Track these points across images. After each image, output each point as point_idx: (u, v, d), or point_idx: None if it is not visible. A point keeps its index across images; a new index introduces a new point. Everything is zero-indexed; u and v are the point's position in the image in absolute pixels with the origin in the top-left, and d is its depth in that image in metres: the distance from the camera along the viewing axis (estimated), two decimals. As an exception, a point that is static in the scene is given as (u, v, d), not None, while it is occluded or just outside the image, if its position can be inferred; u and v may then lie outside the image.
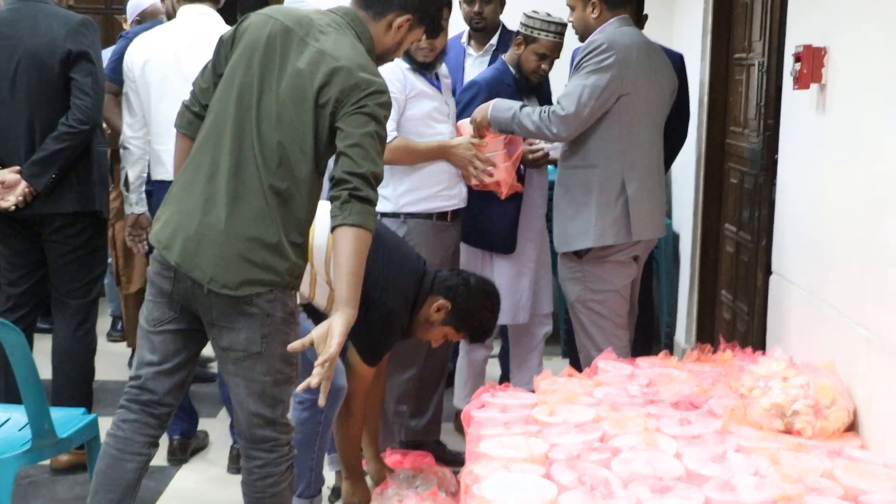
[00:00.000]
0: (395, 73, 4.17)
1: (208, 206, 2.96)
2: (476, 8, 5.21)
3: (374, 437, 4.16)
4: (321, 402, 2.88)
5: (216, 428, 4.96)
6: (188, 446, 4.67)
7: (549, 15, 4.59)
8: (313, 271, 3.68)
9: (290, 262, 3.01)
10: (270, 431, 3.10)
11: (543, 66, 4.65)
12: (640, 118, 4.16)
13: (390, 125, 4.10)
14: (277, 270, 2.98)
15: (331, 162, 3.11)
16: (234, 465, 4.43)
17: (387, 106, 3.04)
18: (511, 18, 5.19)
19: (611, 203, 4.12)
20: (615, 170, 4.12)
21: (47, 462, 4.22)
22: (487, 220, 4.62)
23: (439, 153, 4.32)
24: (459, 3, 5.16)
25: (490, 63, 5.17)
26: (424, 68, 4.31)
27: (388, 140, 4.11)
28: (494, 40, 5.32)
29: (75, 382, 4.41)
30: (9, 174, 4.19)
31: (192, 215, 2.96)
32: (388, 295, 3.72)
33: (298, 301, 3.44)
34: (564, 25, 4.56)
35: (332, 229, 2.92)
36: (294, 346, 2.95)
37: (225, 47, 3.11)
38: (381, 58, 3.22)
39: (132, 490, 3.10)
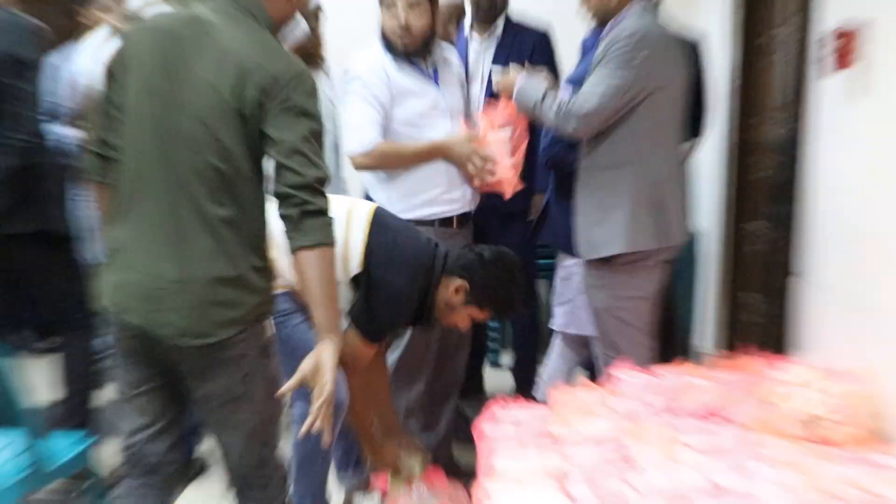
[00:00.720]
0: (374, 71, 4.15)
1: (155, 257, 2.79)
2: None
3: (392, 429, 4.12)
4: (325, 441, 2.86)
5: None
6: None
7: None
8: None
9: (258, 292, 2.87)
10: (262, 471, 3.01)
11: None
12: (669, 115, 4.09)
13: (372, 132, 4.11)
14: (246, 304, 2.83)
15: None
16: None
17: (314, 91, 2.83)
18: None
19: (643, 205, 4.01)
20: (646, 169, 4.01)
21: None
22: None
23: (435, 152, 4.25)
24: None
25: (497, 49, 5.17)
26: (410, 57, 4.24)
27: (366, 148, 4.13)
28: (500, 24, 5.27)
29: (72, 403, 4.50)
30: None
31: (142, 270, 2.80)
32: (394, 273, 3.66)
33: (284, 290, 3.52)
34: None
35: (293, 251, 2.78)
36: (283, 390, 2.84)
37: (116, 76, 2.87)
38: (280, 26, 2.98)
39: None
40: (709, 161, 5.51)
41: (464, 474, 4.26)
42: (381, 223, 3.69)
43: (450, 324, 3.94)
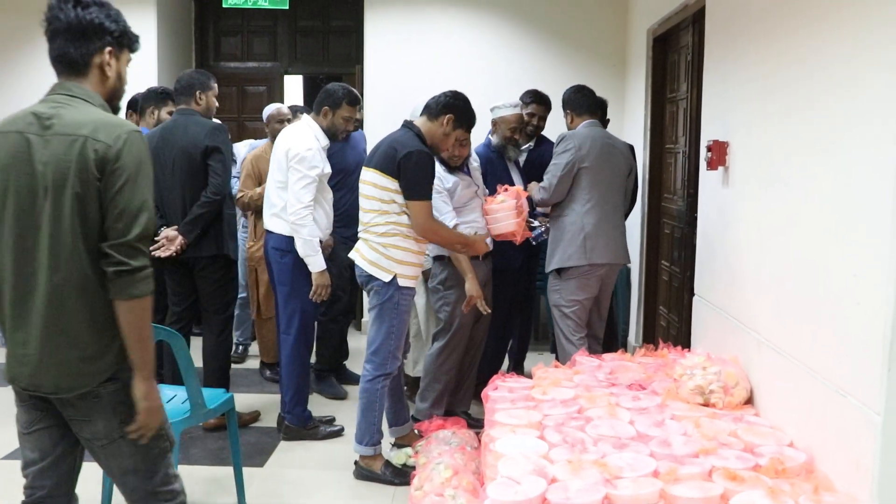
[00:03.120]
0: (441, 175, 4.05)
1: (24, 343, 2.17)
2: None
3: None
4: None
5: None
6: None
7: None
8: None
9: (113, 351, 2.18)
10: (155, 501, 2.33)
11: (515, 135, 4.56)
12: (596, 184, 4.19)
13: (447, 209, 3.97)
14: (109, 362, 2.18)
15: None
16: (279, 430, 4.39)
17: (137, 140, 2.14)
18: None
19: (574, 237, 4.18)
20: (576, 217, 4.20)
21: (201, 424, 4.21)
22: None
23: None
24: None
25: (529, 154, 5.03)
26: (457, 168, 4.15)
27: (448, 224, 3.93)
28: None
29: (218, 371, 4.43)
30: (171, 231, 4.25)
31: (19, 352, 2.18)
32: (406, 147, 3.58)
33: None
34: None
35: (111, 297, 2.12)
36: (140, 436, 2.23)
37: None
38: (114, 98, 2.28)
39: None
40: (636, 221, 5.55)
41: (476, 424, 4.30)
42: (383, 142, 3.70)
43: (446, 147, 3.84)
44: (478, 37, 6.71)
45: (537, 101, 5.03)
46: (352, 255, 3.80)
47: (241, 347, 5.97)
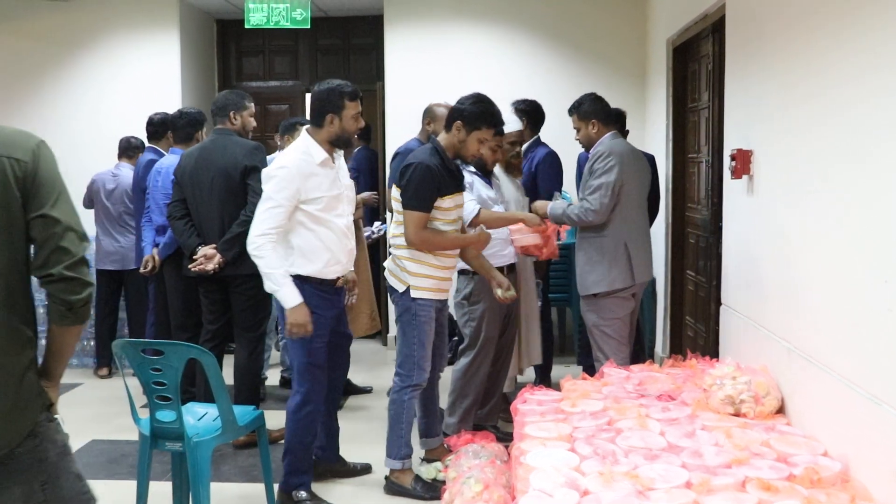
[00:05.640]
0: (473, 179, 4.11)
1: None
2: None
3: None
4: None
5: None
6: None
7: None
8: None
9: (41, 399, 1.99)
10: None
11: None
12: (632, 200, 4.13)
13: (473, 205, 3.95)
14: (33, 413, 1.97)
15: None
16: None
17: (51, 158, 2.00)
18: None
19: (618, 258, 4.09)
20: (619, 237, 4.10)
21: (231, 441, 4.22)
22: None
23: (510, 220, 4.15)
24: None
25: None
26: (487, 174, 4.20)
27: (473, 213, 3.94)
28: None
29: (249, 389, 4.43)
30: (209, 249, 4.29)
31: None
32: (413, 158, 3.64)
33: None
34: None
35: (51, 320, 2.00)
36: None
37: None
38: None
39: None
40: (661, 232, 5.53)
41: (505, 438, 4.28)
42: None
43: (472, 154, 3.78)
44: (497, 51, 6.74)
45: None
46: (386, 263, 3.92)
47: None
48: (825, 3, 2.75)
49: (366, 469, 4.10)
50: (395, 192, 3.76)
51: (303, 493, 3.64)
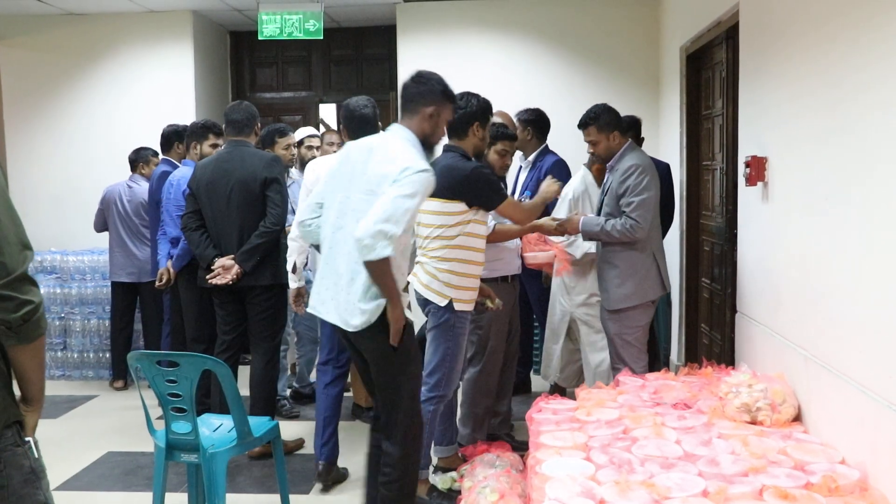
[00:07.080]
0: None
1: None
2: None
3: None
4: None
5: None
6: (331, 471, 4.09)
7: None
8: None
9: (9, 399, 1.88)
10: None
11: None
12: (656, 211, 4.15)
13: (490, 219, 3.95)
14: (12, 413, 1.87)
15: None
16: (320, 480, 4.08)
17: None
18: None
19: (650, 270, 4.08)
20: (648, 248, 4.08)
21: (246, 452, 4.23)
22: None
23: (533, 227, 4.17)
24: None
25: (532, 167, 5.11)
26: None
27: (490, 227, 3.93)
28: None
29: (264, 399, 4.41)
30: (227, 260, 4.30)
31: None
32: (462, 170, 3.63)
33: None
34: None
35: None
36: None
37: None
38: None
39: None
40: (675, 239, 5.52)
41: (520, 447, 4.28)
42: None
43: (485, 149, 3.90)
44: (510, 60, 6.76)
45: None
46: (409, 278, 3.79)
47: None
48: (841, 11, 2.75)
49: None
50: (439, 206, 3.65)
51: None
